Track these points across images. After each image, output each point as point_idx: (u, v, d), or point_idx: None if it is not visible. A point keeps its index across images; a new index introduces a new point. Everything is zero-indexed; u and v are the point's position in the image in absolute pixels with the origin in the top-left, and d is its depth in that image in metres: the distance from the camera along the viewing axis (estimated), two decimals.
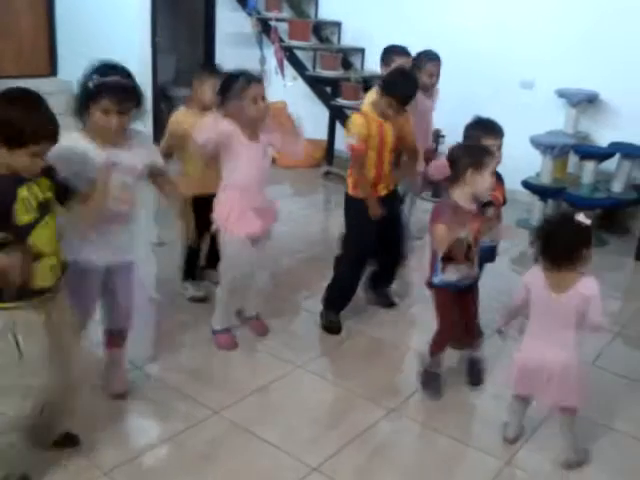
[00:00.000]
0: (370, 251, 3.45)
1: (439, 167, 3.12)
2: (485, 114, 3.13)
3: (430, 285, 2.87)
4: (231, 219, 2.97)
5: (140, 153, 2.46)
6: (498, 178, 3.13)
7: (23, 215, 1.94)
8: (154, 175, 2.62)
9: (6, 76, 6.50)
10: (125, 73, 2.31)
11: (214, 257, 3.74)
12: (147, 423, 2.63)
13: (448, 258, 2.74)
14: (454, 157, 2.73)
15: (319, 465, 2.45)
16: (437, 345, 2.91)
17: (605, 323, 2.44)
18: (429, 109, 4.31)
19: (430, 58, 4.13)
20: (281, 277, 4.13)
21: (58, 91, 3.76)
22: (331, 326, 3.48)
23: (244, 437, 2.58)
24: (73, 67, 2.60)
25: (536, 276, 2.41)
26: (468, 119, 3.14)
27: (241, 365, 3.11)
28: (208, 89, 3.31)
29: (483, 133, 2.97)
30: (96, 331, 2.75)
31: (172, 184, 2.73)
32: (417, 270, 3.90)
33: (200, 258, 3.74)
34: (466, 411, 2.94)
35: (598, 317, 2.33)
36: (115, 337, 2.74)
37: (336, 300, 3.51)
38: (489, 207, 3.02)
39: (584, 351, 2.53)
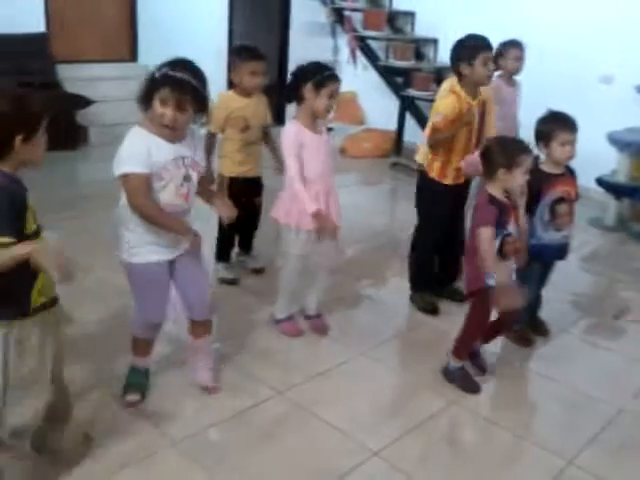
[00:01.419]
0: (446, 227, 3.48)
1: (473, 163, 3.11)
2: (562, 109, 3.06)
3: (475, 292, 2.76)
4: (294, 212, 2.96)
5: (198, 150, 2.50)
6: (571, 173, 3.08)
7: (31, 224, 1.86)
8: (203, 178, 2.59)
9: (92, 60, 6.81)
10: (194, 72, 2.32)
11: (247, 242, 3.84)
12: (214, 400, 2.71)
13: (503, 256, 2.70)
14: (487, 154, 2.70)
15: (380, 450, 2.48)
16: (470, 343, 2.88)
17: None
18: (513, 99, 4.28)
19: (514, 44, 4.21)
20: (346, 266, 4.16)
21: (137, 75, 3.92)
22: (429, 307, 3.56)
23: (306, 418, 2.64)
24: (153, 54, 2.68)
25: None
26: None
27: (304, 349, 3.17)
28: (247, 74, 3.38)
29: (557, 127, 2.93)
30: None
31: (221, 199, 2.70)
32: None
33: (235, 241, 3.78)
34: (527, 407, 2.93)
35: None
36: (195, 327, 2.70)
37: (424, 280, 3.58)
38: (560, 203, 2.97)
39: None
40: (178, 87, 2.25)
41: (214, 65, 2.42)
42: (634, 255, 4.84)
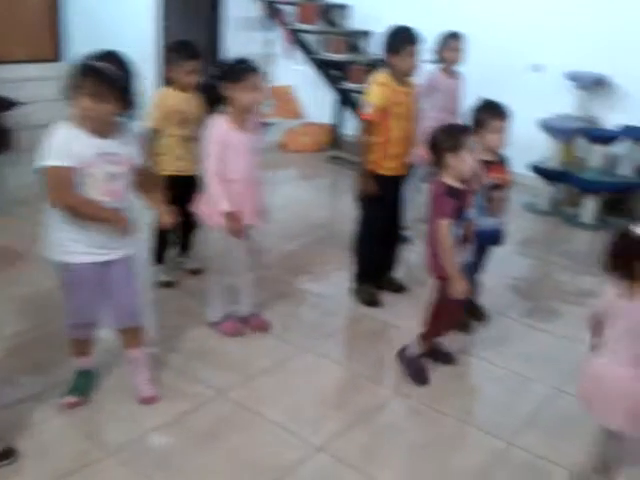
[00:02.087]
0: (386, 218, 3.50)
1: (418, 153, 3.16)
2: (497, 98, 3.11)
3: (442, 276, 2.76)
4: (213, 212, 2.91)
5: (129, 148, 2.42)
6: (503, 160, 3.13)
7: None
8: (141, 177, 2.52)
9: (15, 60, 6.54)
10: (120, 63, 2.26)
11: (186, 242, 3.77)
12: (152, 405, 2.64)
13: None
14: (431, 142, 2.72)
15: (324, 444, 2.47)
16: (436, 332, 2.91)
17: None
18: (454, 90, 4.33)
19: (452, 35, 4.30)
20: (286, 261, 4.14)
21: (61, 76, 3.77)
22: (370, 298, 3.56)
23: (249, 417, 2.61)
24: (79, 53, 2.59)
25: (609, 290, 2.16)
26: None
27: (245, 348, 3.12)
28: (184, 71, 3.34)
29: (488, 115, 3.00)
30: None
31: (163, 204, 2.62)
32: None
33: (170, 242, 3.70)
34: (468, 392, 2.97)
35: None
36: (125, 336, 2.62)
37: (366, 273, 3.58)
38: (495, 190, 3.02)
39: None
40: (96, 76, 2.20)
41: (146, 62, 2.35)
42: (568, 238, 4.98)
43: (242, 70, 2.83)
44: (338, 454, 2.43)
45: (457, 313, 2.94)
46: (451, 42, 4.27)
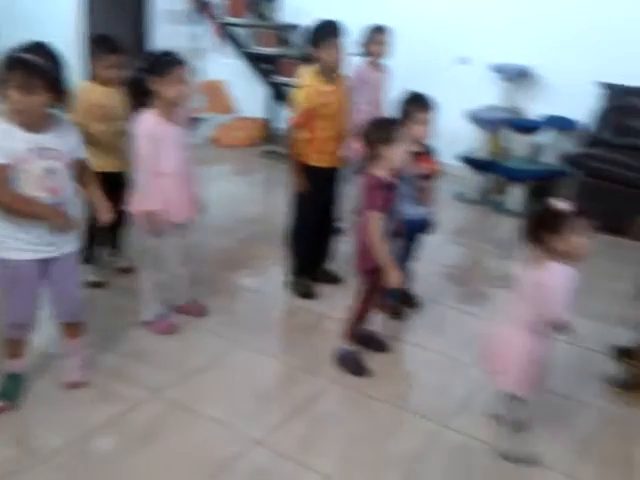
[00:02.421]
0: (320, 212, 3.53)
1: (354, 147, 3.19)
2: (424, 90, 3.17)
3: (367, 271, 2.81)
4: (152, 206, 2.88)
5: (66, 141, 2.37)
6: (430, 151, 3.19)
7: None
8: (79, 171, 2.49)
9: None
10: (48, 54, 2.21)
11: (116, 240, 3.70)
12: (85, 407, 2.58)
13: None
14: (364, 135, 2.76)
15: (261, 438, 2.47)
16: (360, 322, 2.94)
17: (565, 320, 2.23)
18: (378, 83, 4.37)
19: (378, 29, 4.33)
20: (220, 256, 4.11)
21: None
22: (305, 291, 3.57)
23: (185, 415, 2.58)
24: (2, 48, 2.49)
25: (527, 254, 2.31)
26: None
27: (180, 346, 3.08)
28: (106, 65, 3.27)
29: (414, 107, 3.05)
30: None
31: (100, 199, 2.60)
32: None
33: (99, 241, 3.61)
34: (404, 378, 3.03)
35: (556, 312, 2.22)
36: (68, 329, 2.66)
37: (301, 265, 3.59)
38: (423, 180, 3.08)
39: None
40: (23, 68, 2.15)
41: (69, 56, 2.30)
42: (497, 226, 5.14)
43: (167, 63, 2.79)
44: (276, 447, 2.44)
45: (376, 304, 2.97)
46: (377, 36, 4.31)
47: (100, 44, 3.35)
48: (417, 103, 3.07)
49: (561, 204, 2.22)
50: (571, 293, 2.22)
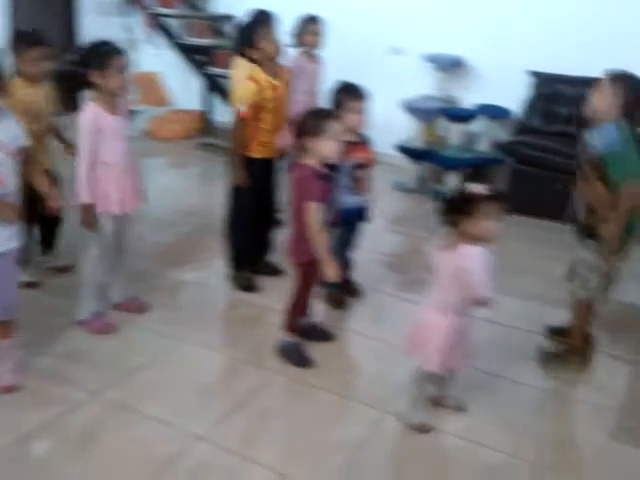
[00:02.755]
0: (258, 203, 3.51)
1: (285, 136, 3.22)
2: (359, 81, 3.19)
3: (303, 263, 2.83)
4: (94, 197, 2.85)
5: (7, 130, 2.34)
6: (365, 140, 3.21)
7: None
8: (23, 160, 2.46)
9: None
10: None
11: (50, 240, 3.61)
12: (19, 412, 2.50)
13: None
14: (295, 126, 2.76)
15: (205, 433, 2.45)
16: (300, 312, 2.96)
17: (485, 297, 2.31)
18: (314, 74, 4.37)
19: (310, 19, 4.32)
20: (159, 251, 4.05)
21: None
22: (247, 284, 3.55)
23: (126, 415, 2.54)
24: None
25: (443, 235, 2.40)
26: None
27: (119, 344, 3.02)
28: (29, 60, 3.16)
29: (346, 96, 3.06)
30: None
31: (45, 181, 2.58)
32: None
33: (33, 240, 3.51)
34: (346, 366, 3.05)
35: (476, 290, 2.29)
36: None
37: (241, 258, 3.57)
38: (359, 169, 3.10)
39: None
40: None
41: None
42: (434, 214, 5.21)
43: (107, 54, 2.75)
44: (219, 442, 2.42)
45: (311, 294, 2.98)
46: (310, 26, 4.30)
47: (21, 38, 3.23)
48: (349, 93, 3.08)
49: (474, 188, 2.28)
50: (488, 272, 2.29)
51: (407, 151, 5.50)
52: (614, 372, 3.04)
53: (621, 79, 2.73)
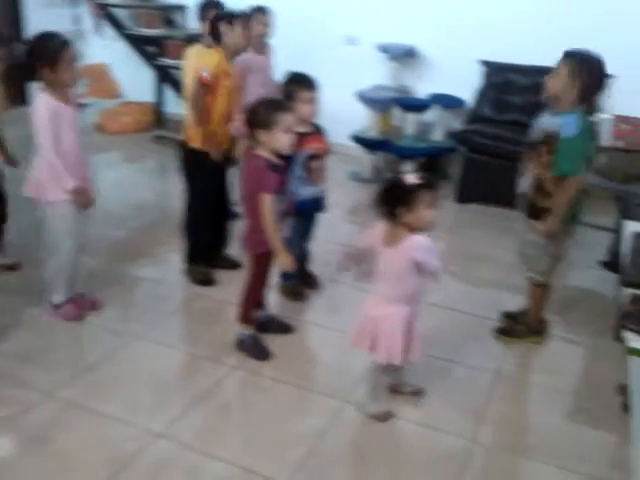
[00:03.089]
0: (214, 196, 3.48)
1: (237, 126, 3.20)
2: (313, 71, 3.17)
3: (257, 255, 2.81)
4: (53, 187, 2.83)
5: None
6: (319, 130, 3.20)
7: None
8: None
9: None
10: None
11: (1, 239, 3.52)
12: None
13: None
14: (247, 117, 2.74)
15: (164, 430, 2.42)
16: (254, 304, 2.95)
17: (438, 271, 2.39)
18: (266, 65, 4.33)
19: (258, 9, 4.27)
20: (114, 247, 3.97)
21: None
22: (204, 278, 3.51)
23: (82, 415, 2.48)
24: None
25: (379, 228, 2.43)
26: None
27: (73, 342, 2.97)
28: None
29: (297, 87, 3.04)
30: None
31: None
32: None
33: None
34: (305, 359, 3.04)
35: (430, 269, 2.36)
36: None
37: (198, 252, 3.53)
38: (313, 160, 3.09)
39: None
40: None
41: None
42: None
43: (57, 48, 2.71)
44: (178, 438, 2.39)
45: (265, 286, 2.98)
46: (259, 17, 4.26)
47: None
48: (300, 83, 3.06)
49: (410, 178, 2.30)
50: (435, 254, 2.34)
51: (362, 141, 5.51)
52: (568, 355, 3.11)
53: (580, 60, 2.67)
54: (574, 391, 2.84)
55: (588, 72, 2.66)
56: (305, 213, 3.16)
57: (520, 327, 3.13)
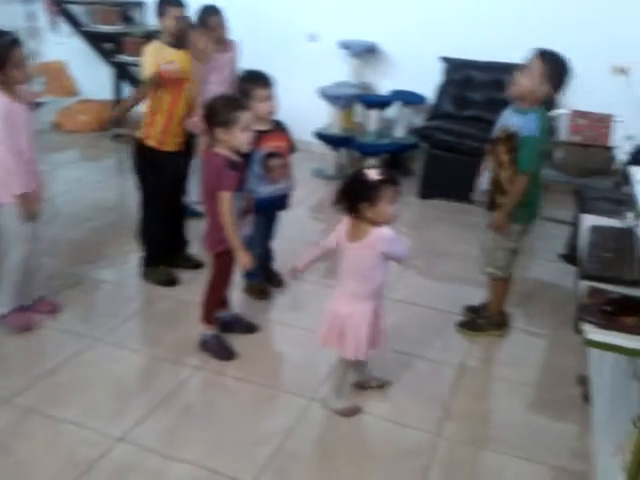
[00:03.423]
0: (172, 196, 3.42)
1: (196, 123, 3.18)
2: (274, 68, 3.15)
3: (219, 253, 2.78)
4: (25, 187, 2.77)
5: None
6: (280, 127, 3.17)
7: None
8: None
9: None
10: None
11: None
12: None
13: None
14: (204, 114, 2.70)
15: (125, 435, 2.37)
16: (217, 304, 2.92)
17: (406, 257, 2.48)
18: (226, 63, 4.28)
19: (211, 12, 4.15)
20: (73, 248, 3.89)
21: None
22: (165, 278, 3.45)
23: (41, 421, 2.42)
24: None
25: (343, 224, 2.42)
26: None
27: (31, 348, 2.89)
28: None
29: (253, 85, 3.00)
30: None
31: None
32: None
33: None
34: (271, 357, 3.02)
35: (398, 257, 2.42)
36: None
37: (157, 253, 3.48)
38: (272, 158, 3.06)
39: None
40: None
41: None
42: None
43: (5, 47, 2.63)
44: (140, 442, 2.35)
45: (227, 285, 2.95)
46: (212, 18, 4.14)
47: None
48: (256, 81, 3.02)
49: (372, 173, 2.30)
50: (399, 242, 2.37)
51: (325, 138, 5.50)
52: (530, 347, 3.15)
53: (553, 61, 2.71)
54: (536, 383, 2.88)
55: (558, 73, 2.71)
56: (265, 211, 3.12)
57: (482, 321, 3.16)
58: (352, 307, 2.42)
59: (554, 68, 2.70)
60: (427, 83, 5.45)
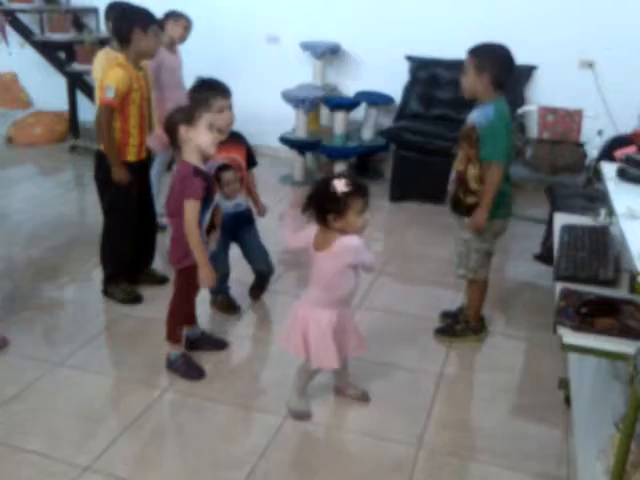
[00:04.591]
0: (136, 210, 3.29)
1: (157, 137, 3.07)
2: (235, 71, 3.04)
3: (183, 269, 2.66)
4: None
5: None
6: (236, 138, 3.04)
7: None
8: None
9: None
10: None
11: None
12: None
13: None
14: (168, 122, 2.57)
15: (92, 463, 2.24)
16: (182, 321, 2.81)
17: (372, 266, 2.47)
18: (178, 66, 4.19)
19: (178, 14, 4.17)
20: (30, 267, 3.71)
21: None
22: (129, 296, 3.32)
23: (1, 452, 2.27)
24: None
25: (312, 231, 2.34)
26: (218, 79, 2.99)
27: None
28: None
29: (211, 95, 2.83)
30: None
31: None
32: None
33: None
34: (241, 374, 2.88)
35: (365, 267, 2.38)
36: None
37: (120, 269, 3.34)
38: (225, 171, 2.93)
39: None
40: None
41: None
42: None
43: None
44: (108, 470, 2.22)
45: (193, 301, 2.84)
46: (180, 20, 4.16)
47: None
48: (213, 91, 2.86)
49: (338, 185, 2.22)
50: (365, 251, 2.32)
51: (291, 143, 5.38)
52: (510, 351, 3.08)
53: (483, 53, 2.72)
54: (518, 388, 2.81)
55: (492, 62, 2.71)
56: (225, 227, 2.91)
57: (459, 326, 3.08)
58: (313, 314, 2.37)
59: (483, 56, 2.72)
60: (394, 83, 5.38)
